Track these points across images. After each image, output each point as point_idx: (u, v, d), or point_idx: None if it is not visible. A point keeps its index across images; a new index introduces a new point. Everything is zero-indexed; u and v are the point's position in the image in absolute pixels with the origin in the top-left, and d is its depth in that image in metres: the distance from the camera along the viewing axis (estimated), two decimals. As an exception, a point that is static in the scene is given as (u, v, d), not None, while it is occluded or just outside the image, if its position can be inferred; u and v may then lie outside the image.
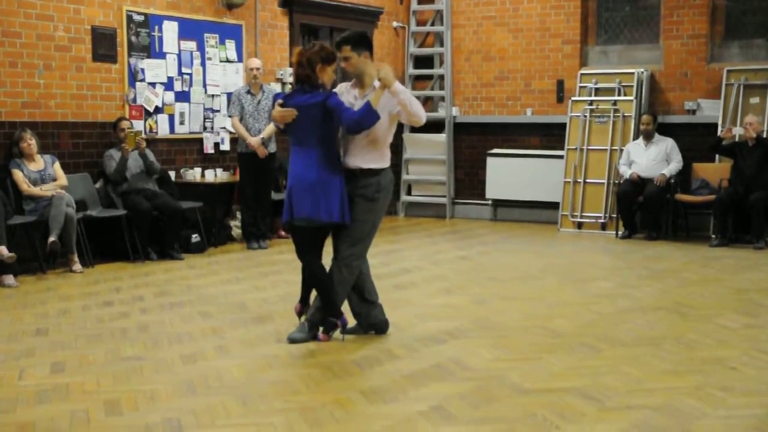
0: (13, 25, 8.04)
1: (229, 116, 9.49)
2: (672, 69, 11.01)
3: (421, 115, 5.34)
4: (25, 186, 7.89)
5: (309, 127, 5.37)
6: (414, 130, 12.43)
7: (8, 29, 8.01)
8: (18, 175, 7.89)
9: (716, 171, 10.18)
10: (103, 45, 8.77)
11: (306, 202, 5.34)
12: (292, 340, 5.48)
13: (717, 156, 10.30)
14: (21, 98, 8.14)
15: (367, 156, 5.41)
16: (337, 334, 5.57)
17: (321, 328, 5.55)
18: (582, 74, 11.38)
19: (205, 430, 3.98)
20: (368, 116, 5.26)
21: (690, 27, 10.88)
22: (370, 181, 5.42)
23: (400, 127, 12.32)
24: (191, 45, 9.64)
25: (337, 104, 5.34)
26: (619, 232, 10.36)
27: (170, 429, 3.98)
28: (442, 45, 12.38)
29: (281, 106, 5.43)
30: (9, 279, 7.32)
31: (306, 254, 5.50)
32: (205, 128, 9.84)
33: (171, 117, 9.48)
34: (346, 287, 5.51)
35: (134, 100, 9.07)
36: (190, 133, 9.70)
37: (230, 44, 10.08)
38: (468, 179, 12.37)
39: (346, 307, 5.60)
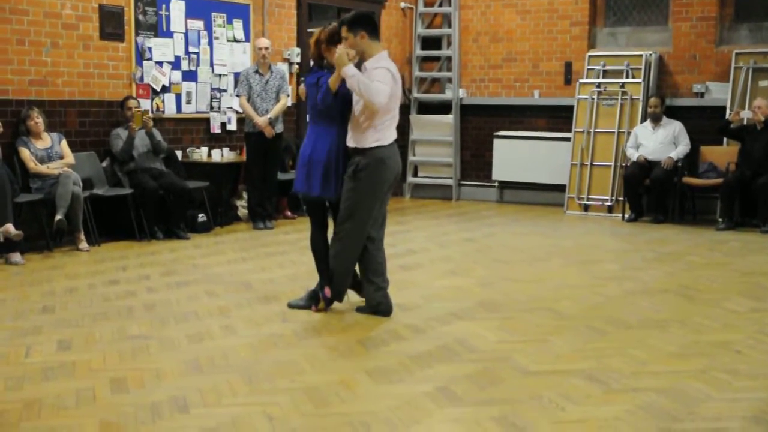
0: (20, 3, 8.02)
1: (237, 96, 9.47)
2: (681, 51, 10.95)
3: (375, 101, 5.35)
4: (32, 164, 7.89)
5: (312, 105, 5.71)
6: (421, 111, 12.42)
7: (15, 6, 7.99)
8: (25, 153, 7.89)
9: (724, 154, 10.15)
10: (111, 23, 8.75)
11: (301, 176, 5.68)
12: (289, 305, 5.88)
13: (725, 139, 10.27)
14: (28, 76, 8.12)
15: (354, 135, 5.58)
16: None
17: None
18: (590, 56, 11.33)
19: (210, 408, 4.00)
20: (324, 96, 5.55)
21: (699, 9, 10.82)
22: (354, 159, 5.59)
23: (407, 109, 12.31)
24: (199, 24, 9.60)
25: (324, 83, 5.58)
26: (626, 215, 10.35)
27: (176, 407, 3.99)
28: (449, 26, 12.33)
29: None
30: (16, 257, 7.33)
31: (310, 224, 5.87)
32: (212, 108, 9.83)
33: (178, 96, 9.46)
34: (341, 261, 5.66)
35: (141, 78, 9.06)
36: (197, 112, 9.68)
37: (237, 24, 10.04)
38: (474, 161, 12.35)
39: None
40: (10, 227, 7.21)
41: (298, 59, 10.62)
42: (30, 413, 3.91)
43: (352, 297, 6.04)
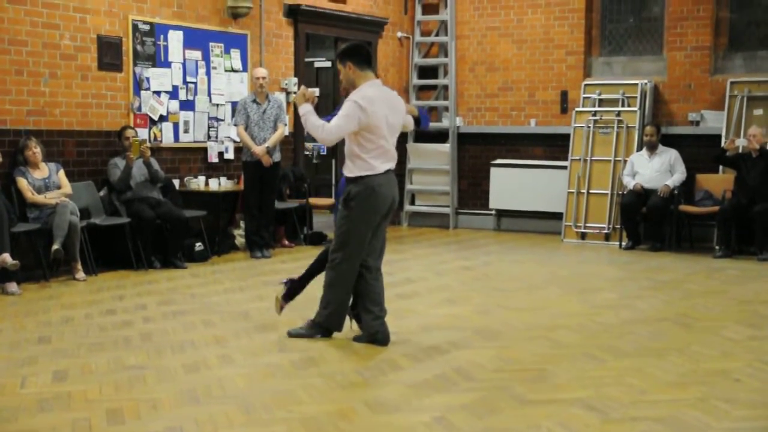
0: (19, 34, 8.07)
1: (235, 125, 9.50)
2: (675, 80, 11.02)
3: (320, 137, 5.63)
4: (30, 194, 7.90)
5: None
6: (418, 139, 12.45)
7: (14, 37, 8.03)
8: (22, 182, 7.90)
9: (720, 182, 10.18)
10: (109, 54, 8.80)
11: None
12: (289, 334, 5.89)
13: (720, 167, 10.30)
14: (26, 106, 8.15)
15: (347, 164, 5.71)
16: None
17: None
18: (586, 85, 11.40)
19: (207, 439, 3.98)
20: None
21: (694, 39, 10.90)
22: (347, 188, 5.70)
23: (404, 137, 12.34)
24: (196, 54, 9.66)
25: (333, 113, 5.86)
26: (623, 243, 10.35)
27: (173, 438, 3.97)
28: (446, 55, 12.40)
29: None
30: (12, 286, 7.32)
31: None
32: (209, 137, 9.85)
33: (176, 126, 9.49)
34: (335, 290, 5.71)
35: (139, 108, 9.09)
36: (195, 141, 9.71)
37: (235, 53, 10.10)
38: (472, 189, 12.37)
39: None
40: (6, 257, 7.21)
41: (295, 89, 10.66)
42: (25, 445, 3.89)
43: (350, 324, 6.04)
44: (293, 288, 6.20)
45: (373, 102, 5.56)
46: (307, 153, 9.84)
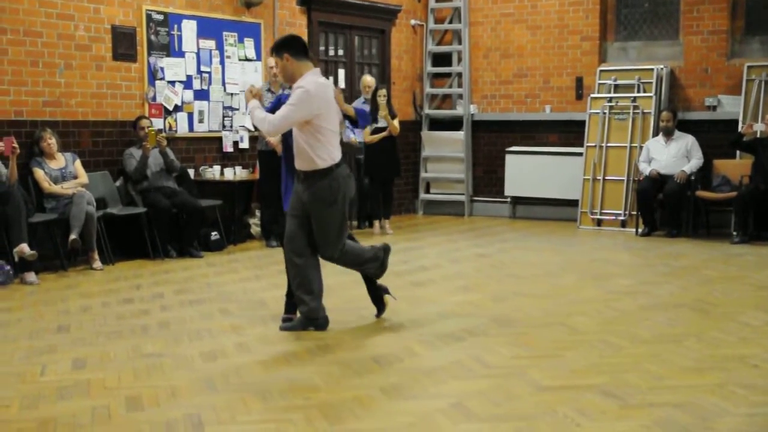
0: (34, 25, 8.10)
1: (250, 114, 9.49)
2: (692, 65, 10.94)
3: (266, 130, 5.58)
4: (46, 184, 7.94)
5: None
6: (432, 127, 12.44)
7: (30, 28, 8.06)
8: (39, 173, 7.94)
9: (737, 167, 10.11)
10: (123, 44, 8.82)
11: None
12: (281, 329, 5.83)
13: (738, 152, 10.23)
14: (42, 97, 8.19)
15: (303, 159, 5.58)
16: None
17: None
18: (601, 71, 11.33)
19: (225, 426, 3.99)
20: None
21: (710, 23, 10.82)
22: (317, 184, 5.57)
23: (418, 125, 12.34)
24: (210, 43, 9.67)
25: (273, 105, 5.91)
26: (639, 230, 10.31)
27: (191, 425, 3.99)
28: (460, 42, 12.36)
29: None
30: (31, 276, 7.37)
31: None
32: (224, 126, 9.87)
33: (190, 115, 9.52)
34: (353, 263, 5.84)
35: (154, 98, 9.11)
36: (210, 131, 9.73)
37: (249, 43, 10.10)
38: (486, 177, 12.34)
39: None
40: (24, 247, 7.25)
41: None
42: (45, 432, 3.92)
43: (366, 312, 6.05)
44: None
45: (326, 88, 5.56)
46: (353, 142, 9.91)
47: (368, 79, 10.40)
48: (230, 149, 9.92)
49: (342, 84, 11.27)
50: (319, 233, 5.62)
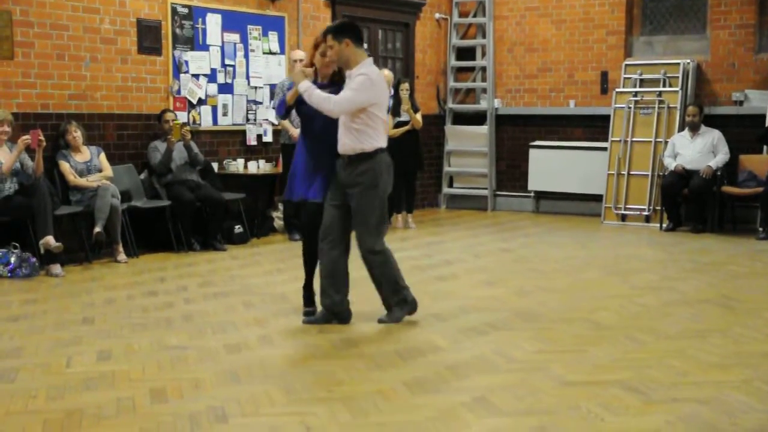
0: (60, 18, 8.15)
1: (274, 108, 9.52)
2: (719, 59, 10.84)
3: (328, 109, 5.47)
4: (72, 177, 8.00)
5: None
6: (456, 121, 12.41)
7: (56, 22, 8.12)
8: (65, 166, 8.00)
9: (764, 163, 10.02)
10: (148, 37, 8.86)
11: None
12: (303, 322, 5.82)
13: (765, 147, 10.14)
14: (68, 90, 8.25)
15: (350, 139, 5.62)
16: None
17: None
18: (626, 65, 11.26)
19: (249, 418, 4.01)
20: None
21: (738, 16, 10.71)
22: (359, 168, 5.63)
23: (442, 119, 12.32)
24: (234, 37, 9.69)
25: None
26: (664, 225, 10.24)
27: (215, 417, 4.01)
28: (484, 36, 12.32)
29: None
30: (56, 268, 7.43)
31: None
32: (248, 120, 9.90)
33: (214, 108, 9.55)
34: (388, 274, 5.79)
35: (178, 91, 9.15)
36: (233, 124, 9.76)
37: (273, 36, 10.12)
38: (510, 171, 12.30)
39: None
40: (50, 239, 7.31)
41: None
42: (71, 423, 3.95)
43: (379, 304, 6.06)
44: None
45: (382, 79, 5.70)
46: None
47: (386, 74, 10.38)
48: (254, 142, 9.95)
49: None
50: (359, 220, 5.62)
